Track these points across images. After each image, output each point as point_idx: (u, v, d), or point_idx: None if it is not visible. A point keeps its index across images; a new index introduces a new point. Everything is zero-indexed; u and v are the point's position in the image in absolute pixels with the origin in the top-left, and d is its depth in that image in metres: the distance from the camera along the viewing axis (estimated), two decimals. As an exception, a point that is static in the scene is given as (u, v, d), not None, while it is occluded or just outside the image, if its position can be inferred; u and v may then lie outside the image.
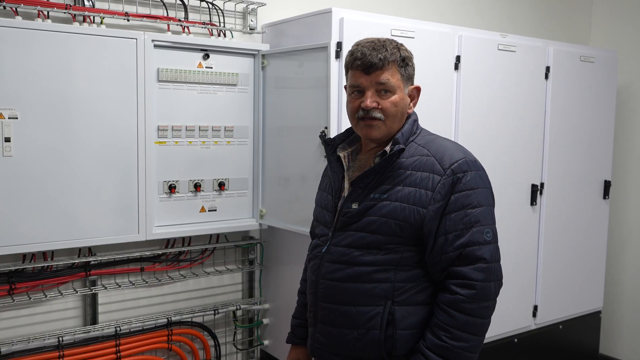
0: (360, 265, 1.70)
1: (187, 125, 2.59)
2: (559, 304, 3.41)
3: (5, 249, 2.22)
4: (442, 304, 1.65)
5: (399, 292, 1.68)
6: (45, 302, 2.46)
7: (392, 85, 1.72)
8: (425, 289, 1.71)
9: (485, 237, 1.65)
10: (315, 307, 1.80)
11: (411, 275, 1.70)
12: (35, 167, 2.24)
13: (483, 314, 1.65)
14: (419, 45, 2.62)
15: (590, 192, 3.52)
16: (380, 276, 1.69)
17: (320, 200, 1.91)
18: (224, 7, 2.76)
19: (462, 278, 1.63)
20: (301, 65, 2.58)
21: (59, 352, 2.40)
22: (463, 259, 1.63)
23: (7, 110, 2.18)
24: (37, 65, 2.22)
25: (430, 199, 1.64)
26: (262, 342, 3.00)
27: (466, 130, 2.85)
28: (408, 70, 1.75)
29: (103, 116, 2.36)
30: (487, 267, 1.64)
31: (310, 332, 1.86)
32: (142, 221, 2.48)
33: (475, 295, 1.62)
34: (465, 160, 1.68)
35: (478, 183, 1.68)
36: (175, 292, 2.78)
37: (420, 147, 1.72)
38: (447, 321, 1.63)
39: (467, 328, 1.63)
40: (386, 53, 1.72)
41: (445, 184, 1.65)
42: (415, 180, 1.67)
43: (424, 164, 1.68)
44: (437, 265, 1.67)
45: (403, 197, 1.66)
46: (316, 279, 1.79)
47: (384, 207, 1.68)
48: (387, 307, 1.68)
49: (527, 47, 3.06)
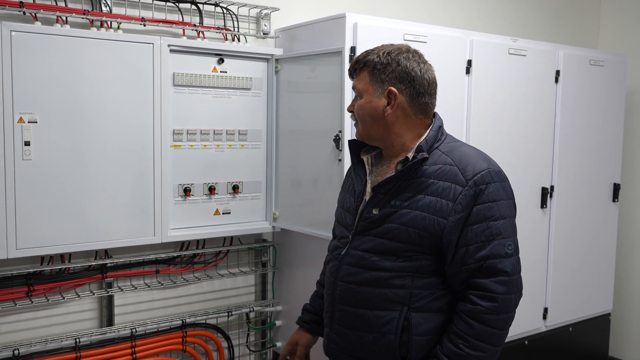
0: (378, 270, 1.71)
1: (201, 129, 2.62)
2: (569, 307, 3.43)
3: (23, 251, 2.25)
4: (462, 313, 1.65)
5: (415, 299, 1.69)
6: (63, 303, 2.49)
7: (358, 89, 1.78)
8: (442, 297, 1.71)
9: (506, 250, 1.65)
10: (332, 309, 1.83)
11: (428, 282, 1.70)
12: (54, 171, 2.27)
13: (502, 325, 1.65)
14: (431, 50, 2.64)
15: (599, 195, 3.53)
16: (398, 282, 1.69)
17: (342, 201, 1.91)
18: (238, 12, 2.79)
19: (483, 290, 1.63)
20: (314, 70, 2.61)
21: (77, 354, 2.43)
22: (484, 271, 1.64)
23: (27, 115, 2.21)
24: (56, 70, 2.25)
25: (451, 209, 1.64)
26: (275, 344, 3.02)
27: (477, 134, 2.87)
28: (381, 74, 1.73)
29: (120, 120, 2.39)
30: (508, 280, 1.64)
31: (326, 332, 1.88)
32: (157, 224, 2.51)
33: (496, 308, 1.63)
34: (488, 171, 1.67)
35: (501, 195, 1.67)
36: (189, 294, 2.81)
37: (443, 155, 1.71)
38: (466, 330, 1.64)
39: (485, 338, 1.64)
40: (360, 59, 1.77)
41: (467, 195, 1.64)
42: (437, 190, 1.66)
43: (447, 174, 1.67)
44: (458, 276, 1.67)
45: (424, 206, 1.66)
46: (334, 281, 1.81)
47: (405, 216, 1.68)
48: (403, 313, 1.69)
49: (537, 51, 3.08)
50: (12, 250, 2.21)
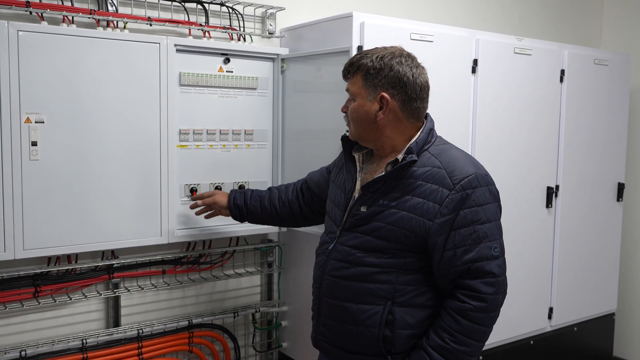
0: (363, 265, 1.77)
1: (208, 129, 2.61)
2: (574, 306, 3.43)
3: (30, 252, 2.23)
4: (450, 309, 1.72)
5: (399, 294, 1.75)
6: (69, 304, 2.48)
7: (351, 92, 1.83)
8: (425, 292, 1.78)
9: (492, 252, 1.72)
10: (319, 301, 1.89)
11: (412, 278, 1.77)
12: (61, 171, 2.26)
13: (488, 323, 1.73)
14: (438, 49, 2.66)
15: (604, 195, 3.53)
16: (382, 277, 1.76)
17: (333, 195, 1.96)
18: (243, 12, 2.78)
19: (471, 290, 1.70)
20: (321, 69, 2.61)
21: (83, 355, 2.42)
22: (472, 273, 1.70)
23: (33, 115, 2.20)
24: (62, 69, 2.24)
25: (437, 212, 1.69)
26: (281, 344, 3.01)
27: (483, 133, 2.87)
28: (374, 79, 1.76)
29: (126, 120, 2.38)
30: (495, 282, 1.71)
31: (313, 324, 1.95)
32: (164, 224, 2.50)
33: (485, 307, 1.70)
34: (476, 175, 1.72)
35: (487, 198, 1.73)
36: (195, 294, 2.80)
37: (432, 158, 1.75)
38: (453, 326, 1.70)
39: (471, 334, 1.71)
40: (354, 62, 1.80)
41: (454, 199, 1.69)
42: (425, 192, 1.71)
43: (435, 176, 1.72)
44: (445, 277, 1.73)
45: (411, 207, 1.72)
46: (321, 274, 1.88)
47: (392, 215, 1.73)
48: (387, 307, 1.75)
49: (542, 51, 3.09)
50: (19, 251, 2.20)
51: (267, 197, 2.31)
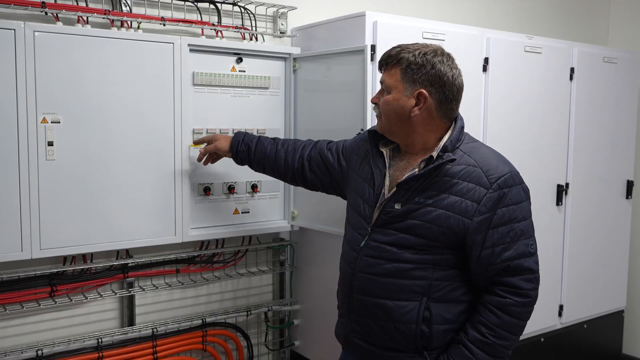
0: (399, 262, 1.77)
1: (221, 128, 2.62)
2: (584, 304, 3.44)
3: (47, 251, 2.24)
4: (490, 305, 1.73)
5: (435, 290, 1.76)
6: (85, 303, 2.49)
7: (387, 84, 1.80)
8: (460, 287, 1.79)
9: (529, 249, 1.75)
10: (350, 299, 1.87)
11: (448, 274, 1.77)
12: (76, 171, 2.27)
13: (526, 317, 1.77)
14: (449, 47, 2.59)
15: (613, 192, 3.54)
16: (418, 273, 1.76)
17: (359, 188, 1.92)
18: (255, 11, 2.79)
19: (511, 287, 1.72)
20: (333, 69, 2.61)
21: (99, 354, 2.43)
22: (511, 270, 1.73)
23: (50, 115, 2.21)
24: (78, 70, 2.25)
25: (476, 210, 1.70)
26: (293, 342, 3.02)
27: (494, 131, 2.88)
28: (414, 74, 1.74)
29: (141, 120, 2.39)
30: (534, 277, 1.76)
31: (344, 323, 1.93)
32: (178, 223, 2.50)
33: (527, 302, 1.74)
34: (511, 174, 1.74)
35: (522, 197, 1.76)
36: (209, 293, 2.81)
37: (465, 156, 1.76)
38: (493, 320, 1.72)
39: (510, 328, 1.73)
40: (393, 54, 1.78)
41: (492, 198, 1.70)
42: (462, 190, 1.72)
43: (471, 175, 1.72)
44: (484, 274, 1.75)
45: (449, 205, 1.72)
46: (352, 272, 1.86)
47: (429, 213, 1.73)
48: (423, 303, 1.75)
49: (552, 49, 3.09)
50: (35, 250, 2.21)
51: (272, 159, 2.26)
